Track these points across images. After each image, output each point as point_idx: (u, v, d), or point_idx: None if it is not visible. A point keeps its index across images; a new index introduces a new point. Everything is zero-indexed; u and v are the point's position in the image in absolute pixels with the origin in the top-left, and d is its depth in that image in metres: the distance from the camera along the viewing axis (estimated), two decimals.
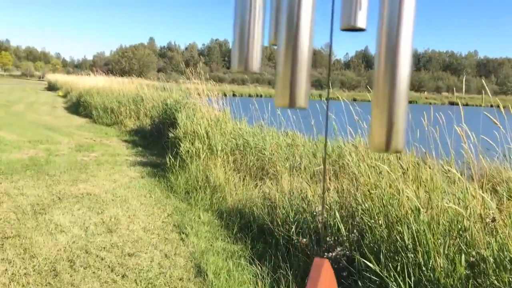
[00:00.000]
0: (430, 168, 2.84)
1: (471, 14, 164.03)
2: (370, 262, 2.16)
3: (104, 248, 3.03)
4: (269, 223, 3.20)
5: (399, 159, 3.15)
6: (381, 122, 0.39)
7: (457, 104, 2.90)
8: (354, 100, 4.61)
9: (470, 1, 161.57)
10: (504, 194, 2.40)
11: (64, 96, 18.92)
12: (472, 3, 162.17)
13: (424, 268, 2.06)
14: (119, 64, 62.69)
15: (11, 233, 3.18)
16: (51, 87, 28.10)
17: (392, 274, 2.10)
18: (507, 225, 2.09)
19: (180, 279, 2.66)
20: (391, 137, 0.39)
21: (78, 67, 79.65)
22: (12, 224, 3.35)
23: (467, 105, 4.38)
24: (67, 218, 3.55)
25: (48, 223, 3.42)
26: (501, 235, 2.00)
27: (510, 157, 2.86)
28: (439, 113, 3.11)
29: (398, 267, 2.13)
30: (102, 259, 2.85)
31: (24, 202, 3.90)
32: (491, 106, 2.91)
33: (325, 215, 2.78)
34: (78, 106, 12.90)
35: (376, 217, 2.48)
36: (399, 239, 2.21)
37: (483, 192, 2.49)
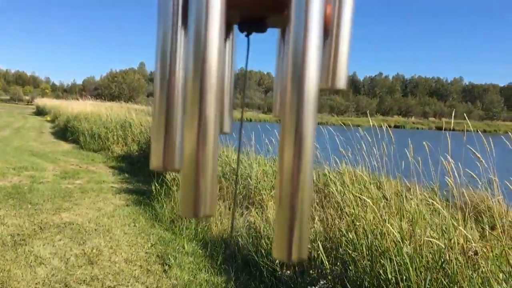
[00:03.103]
0: (414, 197, 2.85)
1: (456, 41, 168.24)
2: None
3: (84, 281, 2.96)
4: (253, 253, 3.17)
5: (382, 189, 3.16)
6: (284, 227, 0.36)
7: (444, 129, 2.93)
8: (343, 124, 4.60)
9: (455, 27, 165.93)
10: (486, 225, 2.40)
11: (52, 121, 18.78)
12: (457, 30, 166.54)
13: None
14: (108, 88, 62.72)
15: None
16: (40, 112, 27.91)
17: None
18: (488, 258, 2.09)
19: None
20: (292, 244, 0.36)
21: (68, 91, 79.47)
22: None
23: (453, 130, 4.46)
24: (47, 250, 3.47)
25: (27, 255, 3.34)
26: (483, 269, 2.00)
27: (489, 185, 2.88)
28: (425, 140, 3.13)
29: None
30: None
31: (4, 232, 3.81)
32: (477, 131, 2.95)
33: (309, 247, 2.75)
34: (65, 132, 12.79)
35: (360, 249, 2.47)
36: (382, 272, 2.19)
37: (465, 221, 2.50)
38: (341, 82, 0.44)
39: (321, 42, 0.36)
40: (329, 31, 0.44)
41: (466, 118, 2.84)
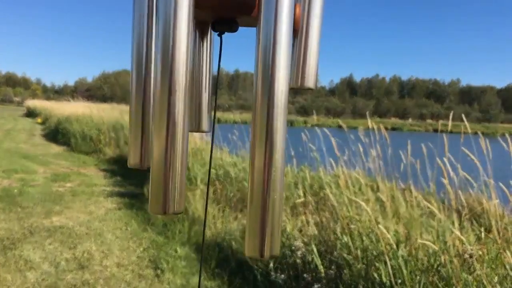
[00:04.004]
0: (409, 201, 2.84)
1: (453, 42, 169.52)
2: None
3: (75, 286, 2.91)
4: (247, 257, 3.12)
5: (378, 191, 3.15)
6: (255, 225, 0.36)
7: (441, 131, 2.92)
8: (340, 126, 4.64)
9: (451, 29, 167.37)
10: (482, 228, 2.39)
11: (43, 123, 18.59)
12: (453, 31, 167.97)
13: None
14: (101, 90, 62.46)
15: None
16: (30, 113, 27.62)
17: None
18: (484, 261, 2.07)
19: None
20: (265, 241, 0.36)
21: (59, 92, 78.75)
22: None
23: (451, 132, 4.46)
24: (37, 254, 3.41)
25: (17, 259, 3.28)
26: (479, 272, 1.98)
27: (485, 188, 2.88)
28: (422, 142, 3.11)
29: None
30: None
31: None
32: (476, 133, 2.95)
33: (304, 250, 2.73)
34: (56, 134, 12.65)
35: (355, 252, 2.44)
36: (376, 276, 2.17)
37: (462, 223, 2.49)
38: (310, 81, 0.45)
39: (290, 43, 0.37)
40: (298, 31, 0.45)
41: (465, 119, 2.82)
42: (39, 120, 20.32)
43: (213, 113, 0.54)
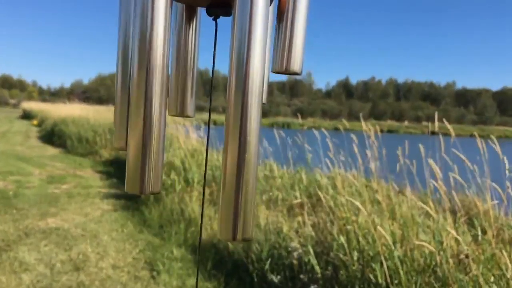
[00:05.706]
0: (406, 201, 2.84)
1: (448, 45, 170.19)
2: None
3: (70, 287, 2.89)
4: (243, 258, 3.12)
5: (374, 192, 3.15)
6: (228, 207, 0.37)
7: (437, 133, 2.93)
8: (336, 129, 4.65)
9: (447, 33, 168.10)
10: (479, 228, 2.40)
11: (39, 125, 18.52)
12: (448, 35, 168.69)
13: None
14: (97, 92, 62.38)
15: None
16: (26, 115, 27.52)
17: None
18: (480, 261, 2.08)
19: None
20: (238, 224, 0.36)
21: (55, 95, 78.37)
22: None
23: (446, 134, 4.47)
24: (32, 255, 3.39)
25: (12, 261, 3.26)
26: (475, 272, 1.99)
27: (479, 189, 2.88)
28: (418, 144, 3.11)
29: None
30: None
31: None
32: (471, 135, 2.96)
33: (300, 251, 2.72)
34: (52, 136, 12.61)
35: (351, 253, 2.44)
36: (372, 276, 2.17)
37: (457, 224, 2.50)
38: (296, 65, 0.45)
39: (266, 25, 0.37)
40: (283, 15, 0.45)
41: (447, 123, 2.83)
42: (35, 122, 20.26)
43: (208, 110, 0.53)
